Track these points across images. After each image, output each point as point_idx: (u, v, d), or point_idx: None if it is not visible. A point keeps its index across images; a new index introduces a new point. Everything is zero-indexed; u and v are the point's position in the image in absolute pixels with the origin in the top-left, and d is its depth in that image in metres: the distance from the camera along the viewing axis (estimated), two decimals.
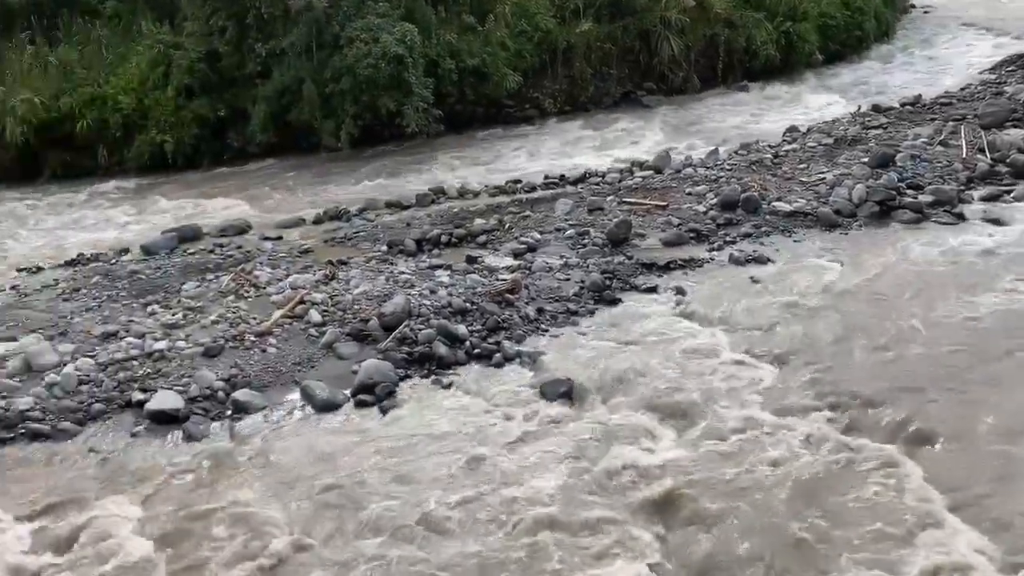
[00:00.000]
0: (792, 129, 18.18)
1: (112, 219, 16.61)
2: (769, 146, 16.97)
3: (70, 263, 13.50)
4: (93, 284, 12.08)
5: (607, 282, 10.79)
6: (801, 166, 15.16)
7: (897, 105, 19.23)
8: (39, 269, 13.40)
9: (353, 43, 19.05)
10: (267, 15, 19.83)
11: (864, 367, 8.48)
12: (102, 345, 9.63)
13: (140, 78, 20.32)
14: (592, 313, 10.14)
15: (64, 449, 7.82)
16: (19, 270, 13.44)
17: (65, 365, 9.05)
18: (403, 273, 11.47)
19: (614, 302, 10.39)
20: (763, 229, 12.39)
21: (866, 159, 14.65)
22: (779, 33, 25.25)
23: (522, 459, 7.26)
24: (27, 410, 8.26)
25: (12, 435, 7.99)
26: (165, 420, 8.09)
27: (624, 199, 14.28)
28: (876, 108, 19.05)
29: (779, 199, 13.35)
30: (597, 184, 15.80)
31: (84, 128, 19.80)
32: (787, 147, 16.67)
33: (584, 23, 23.30)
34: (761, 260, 11.35)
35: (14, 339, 9.98)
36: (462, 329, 9.53)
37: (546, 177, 16.62)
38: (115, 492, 7.03)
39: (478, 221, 13.58)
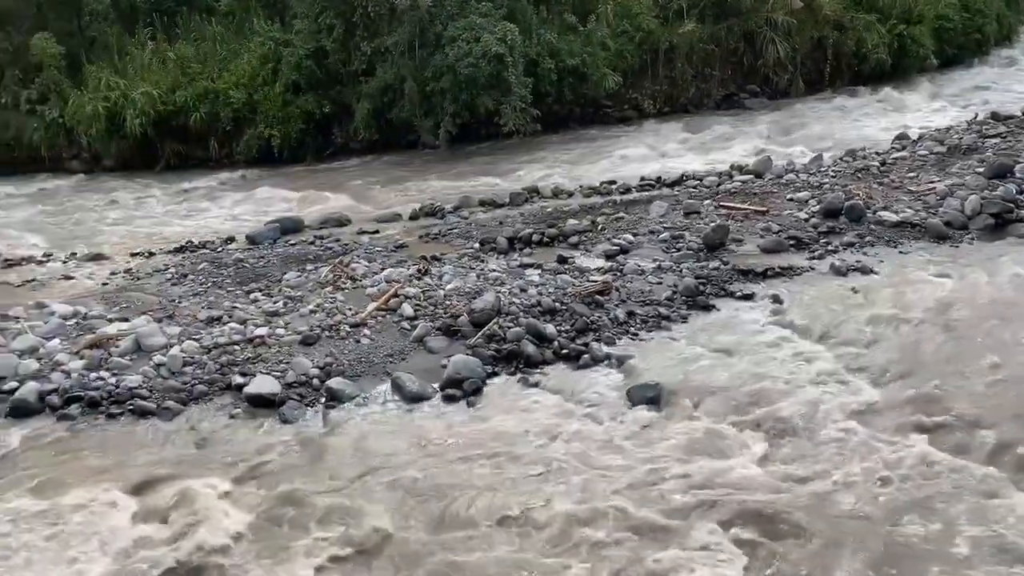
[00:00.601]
0: (902, 136, 17.49)
1: (220, 209, 17.34)
2: (876, 153, 16.38)
3: (180, 249, 14.18)
4: (200, 270, 12.65)
5: (701, 287, 10.61)
6: (910, 175, 14.56)
7: (1019, 113, 18.23)
8: (151, 254, 14.11)
9: (455, 42, 19.31)
10: (373, 13, 20.30)
11: (970, 387, 8.06)
12: (206, 329, 10.06)
13: (251, 74, 21.14)
14: (684, 319, 9.99)
15: (167, 427, 8.19)
16: (133, 254, 14.19)
17: (172, 347, 9.49)
18: (494, 271, 11.56)
19: (708, 308, 10.21)
20: (867, 239, 11.96)
21: (981, 169, 13.96)
22: (892, 36, 24.32)
23: (605, 461, 7.21)
24: (136, 388, 8.70)
25: (121, 411, 8.44)
26: (262, 404, 8.39)
27: (722, 203, 14.00)
28: (995, 116, 18.13)
29: (885, 208, 12.86)
30: (694, 187, 15.56)
31: (197, 121, 20.76)
32: (896, 155, 16.04)
33: (687, 24, 22.97)
34: (864, 271, 10.95)
35: (126, 320, 10.54)
36: (551, 329, 9.54)
37: (642, 179, 16.47)
38: (212, 471, 7.32)
39: (571, 221, 13.56)
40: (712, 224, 12.48)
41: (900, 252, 11.58)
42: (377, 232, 14.57)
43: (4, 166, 21.62)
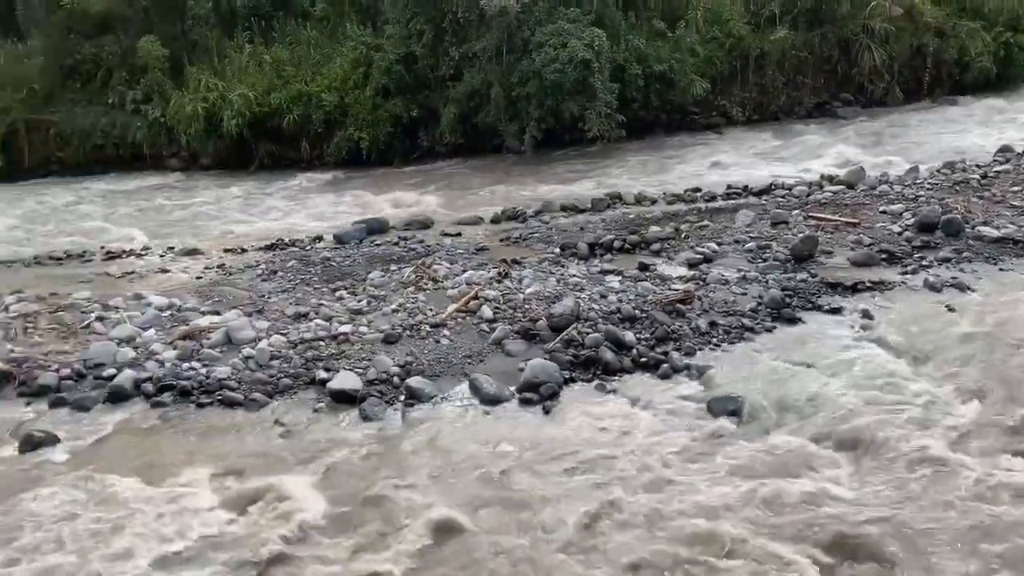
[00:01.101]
0: (1006, 149, 16.73)
1: (309, 208, 17.81)
2: (977, 166, 15.72)
3: (270, 247, 14.63)
4: (289, 268, 13.03)
5: (787, 299, 10.36)
6: (1014, 189, 13.92)
7: None
8: (243, 251, 14.60)
9: (542, 47, 19.38)
10: (463, 19, 20.55)
11: None
12: (293, 324, 10.36)
13: (342, 77, 21.67)
14: (769, 331, 9.77)
15: (254, 418, 8.46)
16: (226, 250, 14.70)
17: (260, 341, 9.80)
18: (574, 276, 11.55)
19: (793, 321, 9.96)
20: (964, 255, 11.48)
21: None
22: (997, 44, 23.30)
23: (682, 472, 7.11)
24: (225, 379, 9.02)
25: (210, 400, 8.76)
26: (344, 399, 8.58)
27: (811, 214, 13.66)
28: None
29: (985, 223, 12.33)
30: (783, 197, 15.23)
31: (291, 123, 21.41)
32: (998, 168, 15.37)
33: (780, 30, 22.52)
34: (960, 287, 10.51)
35: (218, 313, 10.94)
36: (630, 336, 9.47)
37: (728, 187, 16.20)
38: (295, 462, 7.53)
39: (653, 228, 13.44)
40: (800, 235, 12.18)
41: (1000, 269, 11.08)
42: (459, 234, 14.73)
43: (110, 163, 22.73)
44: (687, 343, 9.46)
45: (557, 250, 12.99)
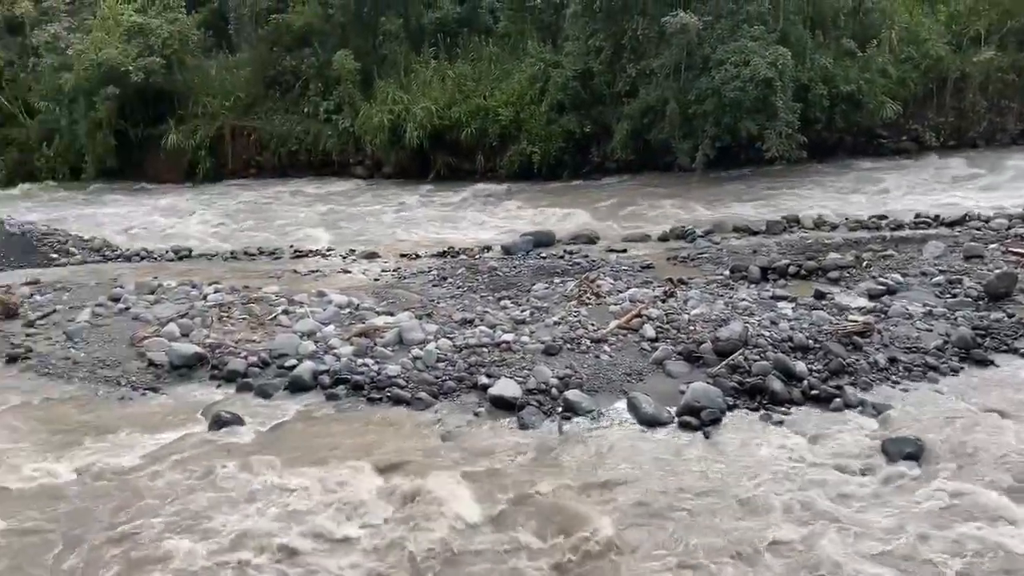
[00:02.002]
0: None
1: (481, 219, 18.34)
2: None
3: (442, 254, 15.17)
4: (458, 275, 13.45)
5: (978, 340, 9.57)
6: None
7: None
8: (417, 256, 15.22)
9: (722, 65, 19.00)
10: (642, 36, 20.51)
11: None
12: (460, 330, 10.68)
13: (520, 93, 22.18)
14: (955, 372, 9.06)
15: (418, 416, 8.78)
16: (402, 255, 15.39)
17: (428, 343, 10.18)
18: (743, 300, 11.20)
19: (985, 363, 9.19)
20: None
21: None
22: None
23: (851, 515, 6.71)
24: (395, 377, 9.42)
25: (380, 396, 9.17)
26: (503, 406, 8.74)
27: (1011, 248, 12.58)
28: None
29: None
30: (978, 229, 14.13)
31: (468, 136, 22.13)
32: None
33: (985, 51, 20.91)
34: None
35: (391, 314, 11.45)
36: (801, 366, 9.06)
37: (916, 216, 15.22)
38: (454, 463, 7.74)
39: (832, 255, 12.82)
40: (997, 271, 11.23)
41: None
42: (625, 251, 14.68)
43: (302, 168, 24.39)
44: (863, 378, 8.94)
45: (727, 272, 12.67)
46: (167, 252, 16.59)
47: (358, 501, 7.15)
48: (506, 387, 8.94)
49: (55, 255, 16.30)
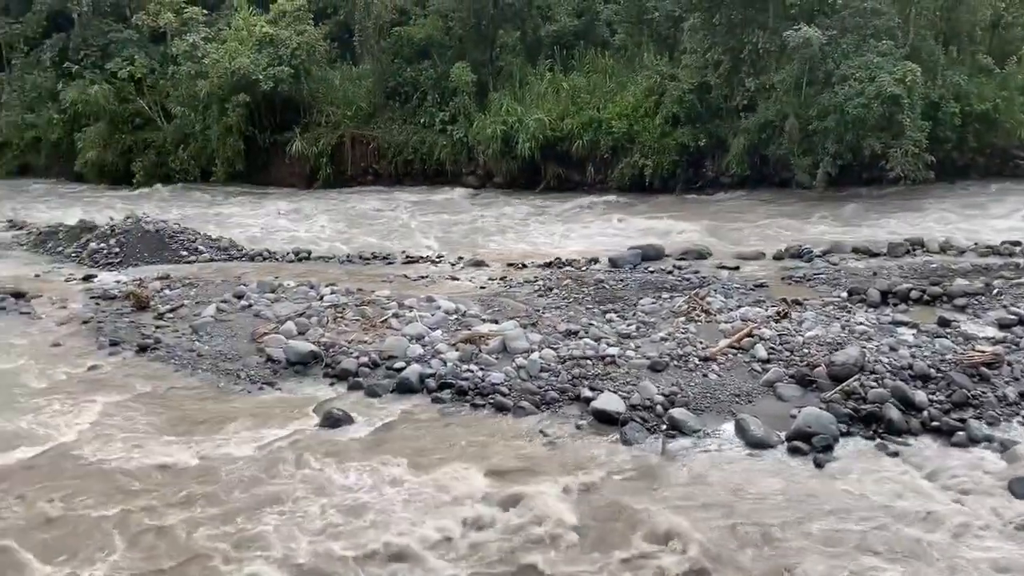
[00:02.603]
0: None
1: (589, 231, 18.32)
2: None
3: (548, 264, 15.22)
4: (564, 286, 13.46)
5: None
6: None
7: None
8: (524, 266, 15.33)
9: (846, 81, 18.41)
10: (763, 50, 20.08)
11: None
12: (564, 341, 10.69)
13: (634, 105, 22.07)
14: None
15: (520, 425, 8.83)
16: (508, 264, 15.53)
17: (532, 352, 10.24)
18: (861, 324, 10.78)
19: None
20: None
21: None
22: None
23: (973, 557, 6.34)
24: (498, 384, 9.53)
25: (484, 403, 9.29)
26: (606, 420, 8.69)
27: None
28: None
29: None
30: None
31: (580, 147, 22.17)
32: None
33: None
34: None
35: (497, 322, 11.57)
36: (921, 396, 8.63)
37: None
38: (555, 473, 7.74)
39: (959, 281, 12.19)
40: None
41: None
42: (737, 268, 14.36)
43: (416, 176, 25.00)
44: (990, 412, 8.44)
45: (844, 294, 12.21)
46: (288, 253, 17.29)
47: (460, 503, 7.26)
48: (609, 401, 8.90)
49: (185, 252, 17.24)
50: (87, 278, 15.67)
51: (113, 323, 12.60)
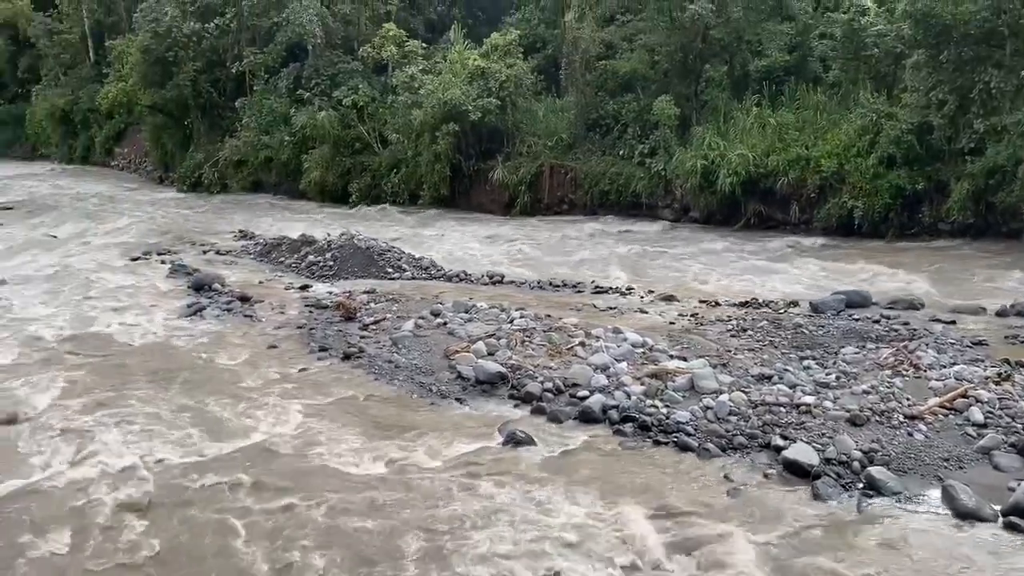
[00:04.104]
0: None
1: (789, 272, 17.57)
2: None
3: (743, 304, 14.75)
4: (759, 328, 12.98)
5: None
6: None
7: None
8: (717, 304, 14.94)
9: None
10: (996, 90, 18.54)
11: None
12: (756, 385, 10.31)
13: (845, 144, 21.02)
14: None
15: (704, 467, 8.60)
16: (701, 301, 15.20)
17: (721, 394, 9.94)
18: None
19: None
20: None
21: None
22: None
23: None
24: (683, 423, 9.33)
25: (667, 440, 9.13)
26: (797, 472, 8.27)
27: None
28: None
29: None
30: None
31: (784, 185, 21.37)
32: None
33: None
34: None
35: (685, 359, 11.35)
36: None
37: None
38: (739, 522, 7.46)
39: None
40: None
41: None
42: (953, 323, 13.24)
43: (611, 208, 25.09)
44: None
45: None
46: (482, 276, 17.89)
47: (637, 540, 7.17)
48: (802, 452, 8.47)
49: (390, 269, 18.29)
50: (303, 287, 17.01)
51: (323, 331, 13.58)
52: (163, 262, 19.94)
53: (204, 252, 21.32)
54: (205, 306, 15.31)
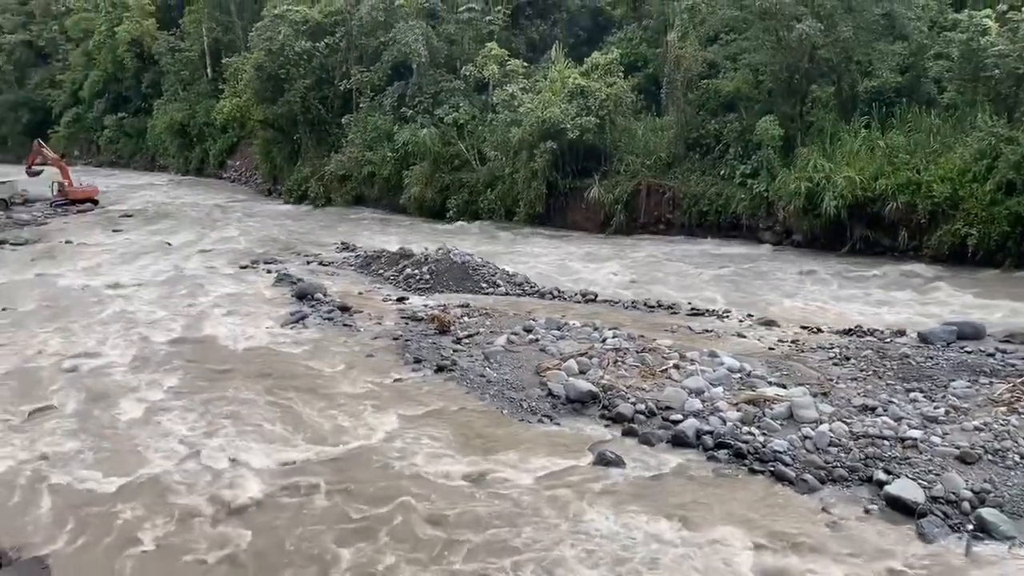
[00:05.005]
0: None
1: (896, 300, 16.87)
2: None
3: (847, 332, 14.22)
4: (863, 357, 12.48)
5: None
6: None
7: None
8: (819, 330, 14.45)
9: None
10: None
11: None
12: (858, 416, 9.91)
13: (960, 168, 20.07)
14: None
15: (801, 498, 8.31)
16: (802, 327, 14.73)
17: (821, 423, 9.60)
18: None
19: None
20: None
21: None
22: None
23: None
24: (780, 452, 9.05)
25: (762, 469, 8.87)
26: (901, 509, 7.92)
27: None
28: None
29: None
30: None
31: (893, 210, 20.55)
32: None
33: None
34: None
35: (784, 387, 11.01)
36: None
37: None
38: (839, 559, 7.18)
39: None
40: None
41: None
42: None
43: (708, 228, 24.66)
44: None
45: None
46: (575, 294, 17.85)
47: (731, 570, 6.98)
48: (907, 488, 8.09)
49: (484, 284, 18.46)
50: (400, 299, 17.35)
51: (418, 342, 13.82)
52: (269, 271, 20.70)
53: (308, 262, 22.03)
54: (307, 314, 15.82)
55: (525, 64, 31.25)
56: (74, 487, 8.95)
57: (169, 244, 25.51)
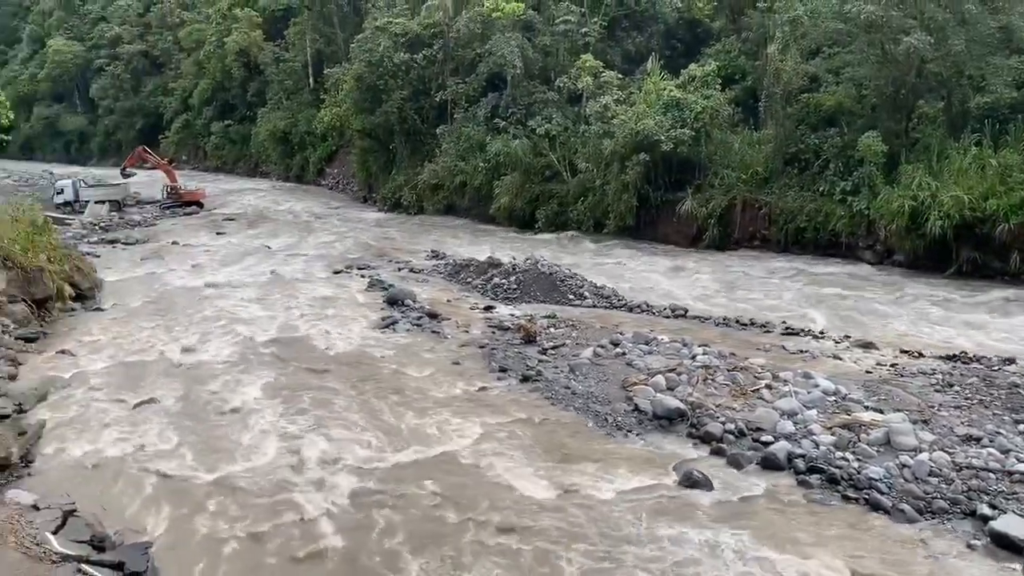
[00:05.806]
0: None
1: (1006, 326, 16.01)
2: None
3: (950, 357, 13.58)
4: (968, 384, 11.91)
5: None
6: None
7: None
8: (920, 355, 13.85)
9: None
10: None
11: None
12: (962, 446, 9.45)
13: None
14: None
15: (897, 529, 7.97)
16: (902, 351, 14.14)
17: (921, 452, 9.19)
18: None
19: None
20: None
21: None
22: None
23: None
24: (876, 479, 8.70)
25: (856, 496, 8.55)
26: (1008, 546, 7.50)
27: None
28: None
29: None
30: None
31: (1004, 232, 19.55)
32: None
33: None
34: None
35: (881, 412, 10.59)
36: None
37: None
38: None
39: None
40: None
41: None
42: None
43: (805, 246, 23.95)
44: None
45: None
46: (664, 309, 17.61)
47: None
48: (1015, 525, 7.67)
49: (571, 296, 18.41)
50: (488, 308, 17.48)
51: (504, 351, 13.88)
52: (362, 276, 21.19)
53: (399, 269, 22.44)
54: (397, 320, 16.11)
55: (620, 76, 31.12)
56: (173, 477, 9.34)
57: (269, 247, 26.42)
